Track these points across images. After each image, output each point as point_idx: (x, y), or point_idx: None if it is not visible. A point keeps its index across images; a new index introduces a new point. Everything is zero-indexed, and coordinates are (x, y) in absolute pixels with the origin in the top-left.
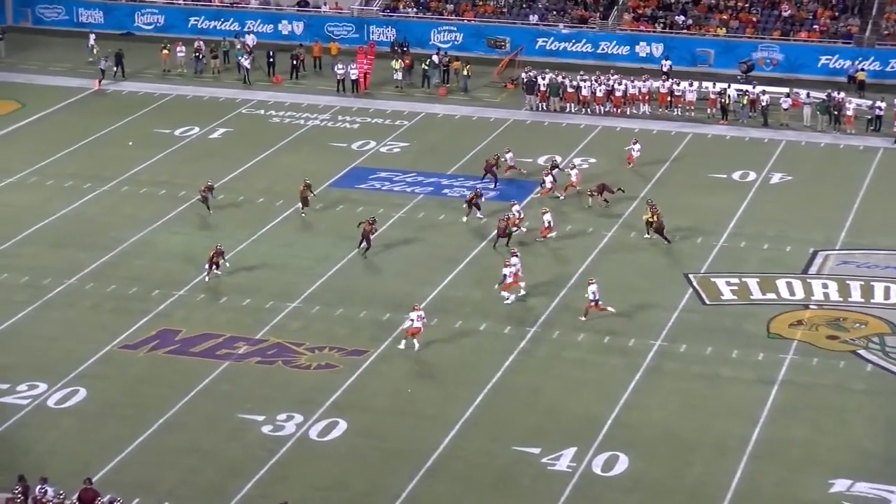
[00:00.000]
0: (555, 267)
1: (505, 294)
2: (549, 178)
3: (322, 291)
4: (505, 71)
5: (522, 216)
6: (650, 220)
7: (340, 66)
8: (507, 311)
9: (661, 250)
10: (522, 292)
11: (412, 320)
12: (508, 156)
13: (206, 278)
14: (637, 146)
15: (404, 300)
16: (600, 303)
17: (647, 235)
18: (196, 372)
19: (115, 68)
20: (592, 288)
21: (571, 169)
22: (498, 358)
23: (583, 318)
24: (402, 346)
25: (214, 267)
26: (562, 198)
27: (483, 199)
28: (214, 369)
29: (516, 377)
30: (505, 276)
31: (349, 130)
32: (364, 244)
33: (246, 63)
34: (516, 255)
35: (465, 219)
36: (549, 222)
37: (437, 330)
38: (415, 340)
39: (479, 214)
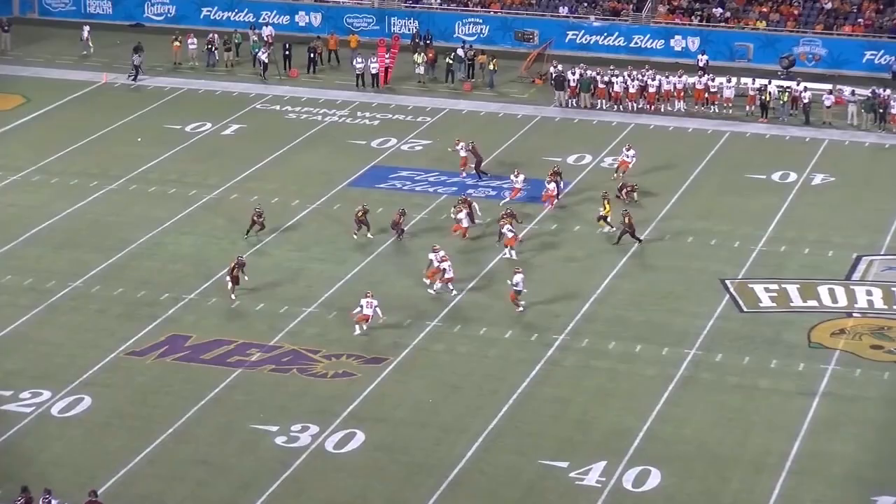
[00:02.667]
0: (582, 273)
1: (427, 282)
2: (551, 185)
3: (340, 296)
4: (533, 65)
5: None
6: (604, 214)
7: (360, 60)
8: (533, 319)
9: (696, 255)
10: (452, 291)
11: (361, 306)
12: (460, 146)
13: (233, 296)
14: (631, 152)
15: (427, 307)
16: (519, 295)
17: (602, 230)
18: (206, 380)
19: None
20: (518, 277)
21: (628, 150)
22: (524, 367)
23: (520, 309)
24: (357, 332)
25: (235, 283)
26: (614, 178)
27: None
28: (226, 377)
29: (543, 387)
30: (431, 261)
31: (369, 127)
32: (393, 231)
33: (264, 57)
34: (437, 251)
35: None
36: (510, 233)
37: (461, 338)
38: (364, 326)
39: (478, 219)
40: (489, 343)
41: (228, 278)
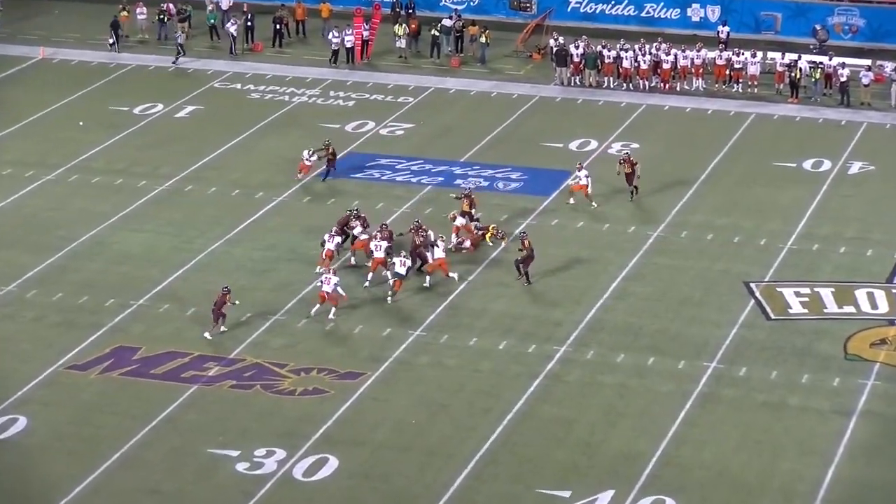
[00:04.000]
0: (587, 275)
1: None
2: (583, 173)
3: (310, 302)
4: (530, 38)
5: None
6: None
7: (336, 33)
8: (532, 328)
9: (717, 254)
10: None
11: (322, 282)
12: (305, 154)
13: (209, 335)
14: (583, 173)
15: (410, 313)
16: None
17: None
18: (158, 398)
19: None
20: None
21: (580, 170)
22: (521, 383)
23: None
24: (312, 312)
25: (222, 319)
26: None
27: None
28: (180, 395)
29: (543, 406)
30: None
31: (343, 109)
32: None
33: (233, 29)
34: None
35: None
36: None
37: (449, 349)
38: (330, 308)
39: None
40: (481, 355)
41: (213, 317)
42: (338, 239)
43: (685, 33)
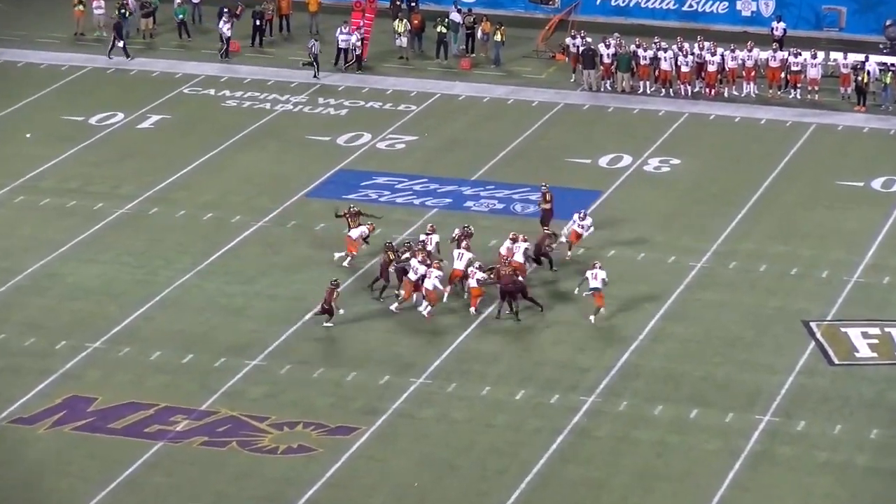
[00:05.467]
0: (620, 312)
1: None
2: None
3: (295, 344)
4: (553, 36)
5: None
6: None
7: (344, 30)
8: (554, 374)
9: (772, 288)
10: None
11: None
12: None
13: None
14: (587, 222)
15: (412, 357)
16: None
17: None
18: (118, 456)
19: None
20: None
21: (583, 218)
22: (542, 439)
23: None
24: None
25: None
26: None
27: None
28: (143, 453)
29: (568, 466)
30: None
31: (334, 118)
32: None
33: (226, 28)
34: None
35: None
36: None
37: (457, 400)
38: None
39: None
40: (495, 406)
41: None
42: (435, 238)
43: (734, 30)
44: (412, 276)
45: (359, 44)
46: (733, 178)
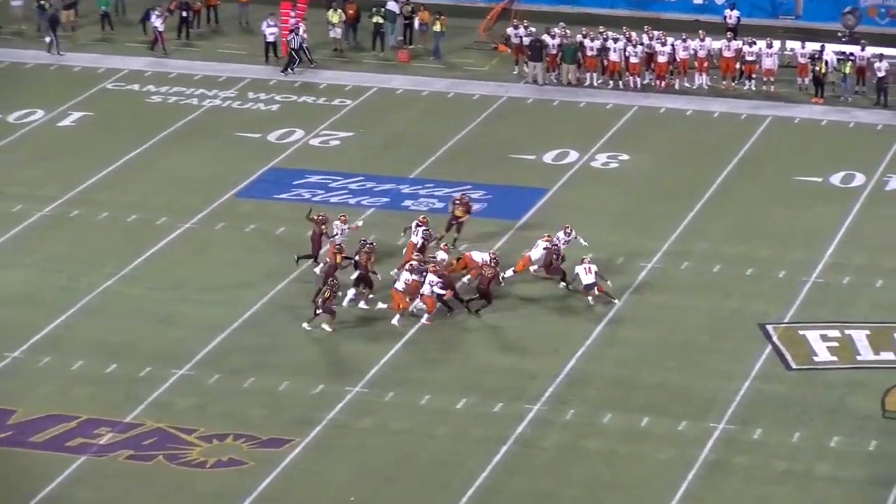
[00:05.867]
0: (568, 316)
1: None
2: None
3: (225, 353)
4: (496, 26)
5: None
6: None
7: (271, 22)
8: (498, 382)
9: (727, 290)
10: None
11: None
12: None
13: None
14: (571, 235)
15: (348, 364)
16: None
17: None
18: (38, 472)
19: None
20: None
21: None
22: (486, 449)
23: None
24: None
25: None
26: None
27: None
28: (65, 468)
29: (513, 479)
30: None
31: (265, 114)
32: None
33: (159, 24)
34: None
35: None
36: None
37: (396, 409)
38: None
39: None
40: (437, 416)
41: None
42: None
43: (685, 18)
44: (399, 286)
45: (306, 36)
46: (685, 174)
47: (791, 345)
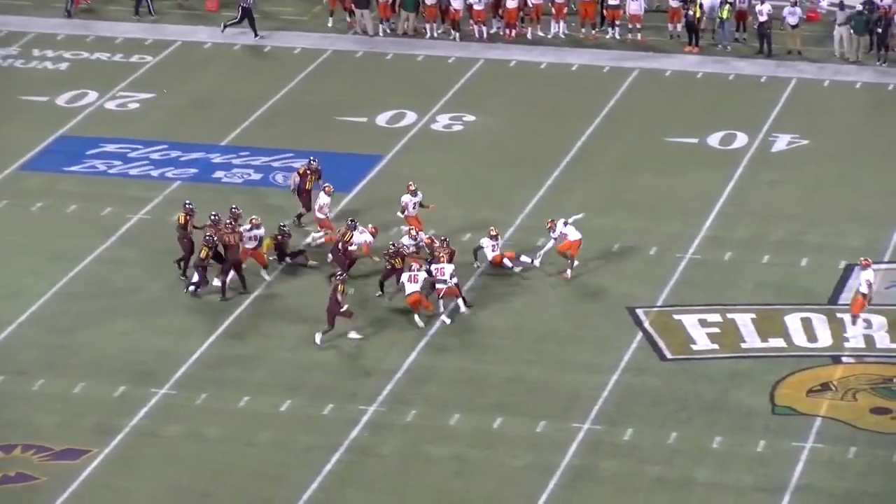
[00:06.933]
0: (404, 304)
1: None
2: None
3: (10, 351)
4: None
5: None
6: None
7: None
8: (327, 381)
9: (590, 270)
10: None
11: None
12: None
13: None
14: (569, 229)
15: (153, 364)
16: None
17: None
18: None
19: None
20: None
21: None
22: (315, 458)
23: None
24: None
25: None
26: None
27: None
28: None
29: (348, 490)
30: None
31: (52, 74)
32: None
33: None
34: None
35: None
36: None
37: (209, 413)
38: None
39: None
40: (256, 421)
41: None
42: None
43: None
44: (409, 283)
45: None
46: (541, 136)
47: (665, 332)
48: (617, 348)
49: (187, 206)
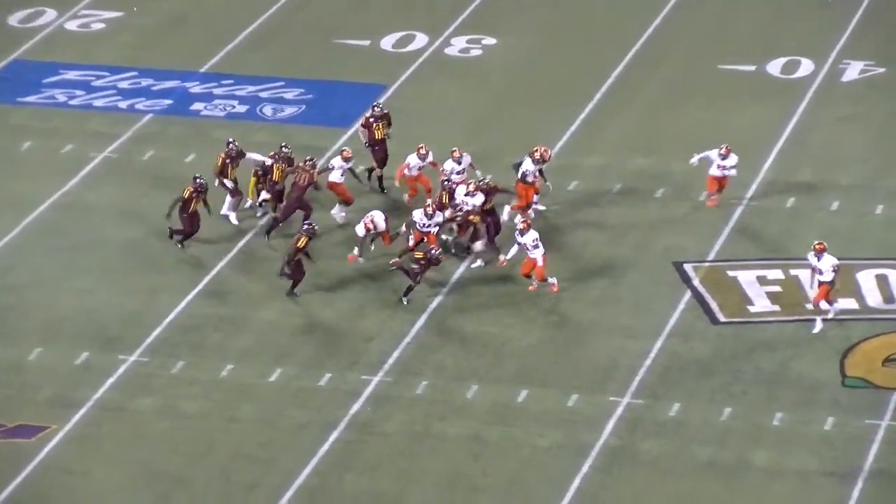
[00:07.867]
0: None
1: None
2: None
3: None
4: None
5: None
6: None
7: None
8: (323, 346)
9: (629, 219)
10: None
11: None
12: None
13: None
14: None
15: (120, 328)
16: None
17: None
18: None
19: None
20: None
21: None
22: (309, 438)
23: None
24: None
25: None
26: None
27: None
28: None
29: (345, 476)
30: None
31: None
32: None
33: None
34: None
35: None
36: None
37: (185, 384)
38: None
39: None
40: (241, 393)
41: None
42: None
43: None
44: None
45: None
46: (571, 64)
47: (718, 290)
48: (661, 310)
49: (230, 145)
